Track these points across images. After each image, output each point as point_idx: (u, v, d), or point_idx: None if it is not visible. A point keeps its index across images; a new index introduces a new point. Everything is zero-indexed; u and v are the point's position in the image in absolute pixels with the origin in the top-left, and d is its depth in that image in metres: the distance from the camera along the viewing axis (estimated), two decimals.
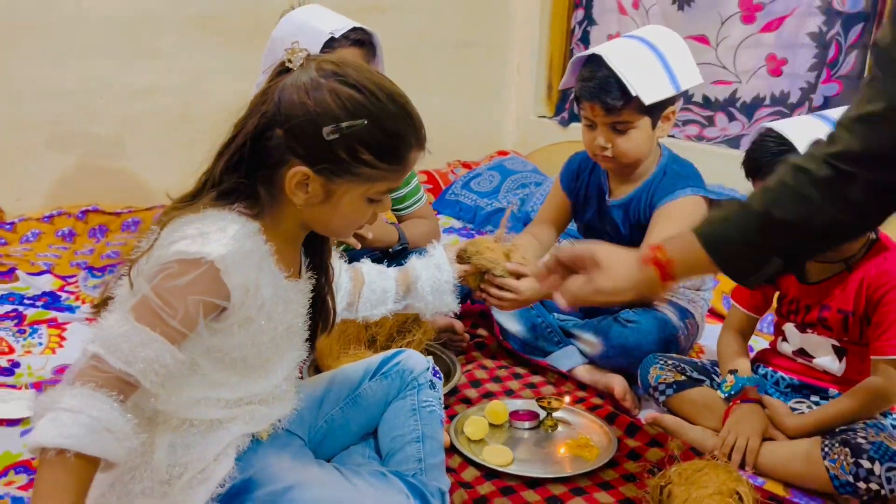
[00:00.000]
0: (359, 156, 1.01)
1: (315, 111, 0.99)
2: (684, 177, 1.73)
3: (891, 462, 1.26)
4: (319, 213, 1.06)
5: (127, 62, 2.63)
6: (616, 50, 1.66)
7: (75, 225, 2.58)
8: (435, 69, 3.27)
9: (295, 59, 1.01)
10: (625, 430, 1.49)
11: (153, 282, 0.94)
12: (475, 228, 2.90)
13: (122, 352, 0.91)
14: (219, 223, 0.99)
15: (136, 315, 0.93)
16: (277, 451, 1.13)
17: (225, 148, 1.04)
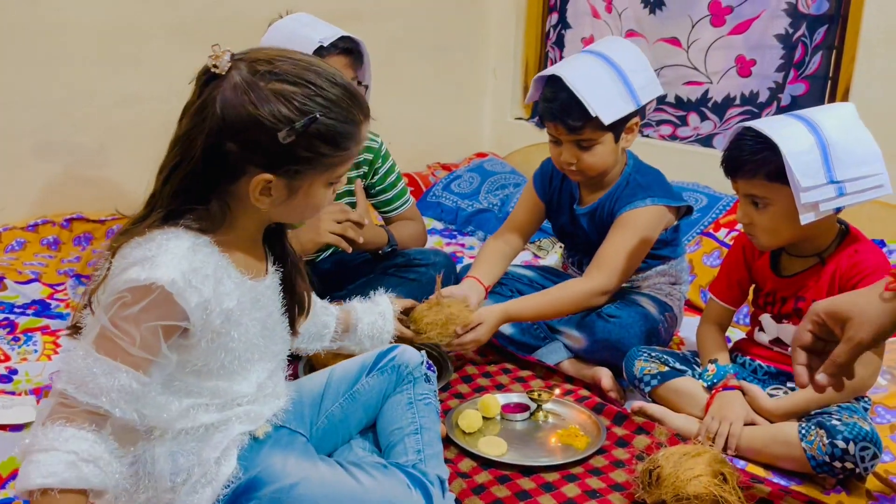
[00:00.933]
0: (317, 150, 1.03)
1: (266, 119, 0.98)
2: (645, 187, 1.78)
3: (864, 442, 1.33)
4: (284, 210, 1.09)
5: (110, 71, 2.64)
6: (575, 70, 1.70)
7: (60, 233, 2.59)
8: (413, 74, 3.32)
9: (221, 63, 1.00)
10: (612, 419, 1.55)
11: (109, 312, 0.95)
12: (457, 229, 2.96)
13: (87, 385, 0.93)
14: (166, 245, 0.99)
15: (97, 346, 0.95)
16: (282, 449, 1.16)
17: (171, 171, 1.03)
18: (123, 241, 1.03)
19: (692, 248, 2.30)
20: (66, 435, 0.91)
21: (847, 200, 1.41)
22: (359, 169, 1.98)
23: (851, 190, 1.41)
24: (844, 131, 1.41)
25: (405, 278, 1.92)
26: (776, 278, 1.57)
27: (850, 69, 2.42)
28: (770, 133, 1.39)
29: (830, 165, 1.39)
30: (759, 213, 1.47)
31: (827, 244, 1.51)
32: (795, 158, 1.37)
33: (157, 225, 1.03)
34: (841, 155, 1.39)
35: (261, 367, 1.17)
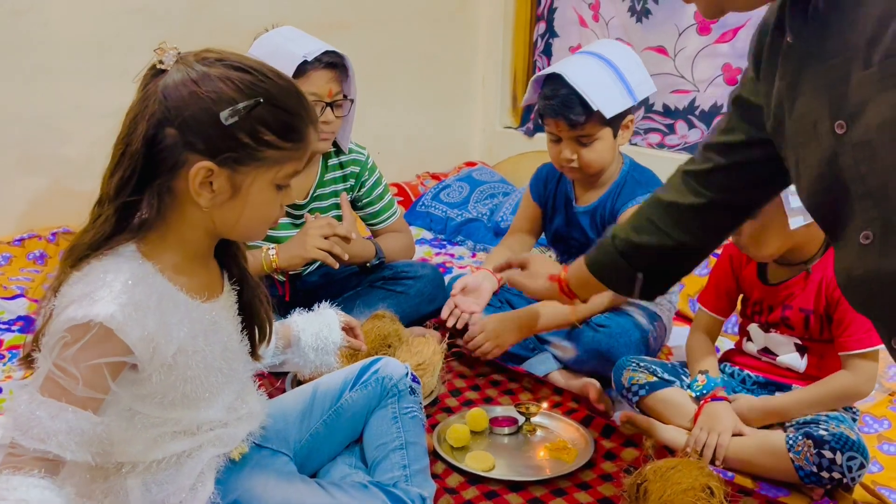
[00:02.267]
0: (261, 137, 0.98)
1: (209, 98, 0.95)
2: (644, 184, 1.83)
3: (851, 452, 1.33)
4: (229, 212, 1.01)
5: (97, 83, 2.63)
6: (574, 67, 1.74)
7: (47, 247, 2.57)
8: (401, 83, 3.33)
9: (167, 59, 0.98)
10: (601, 431, 1.55)
11: (52, 354, 0.91)
12: (446, 239, 2.95)
13: (33, 430, 0.89)
14: (104, 278, 0.95)
15: (43, 389, 0.91)
16: (262, 471, 1.16)
17: (115, 167, 0.98)
18: (64, 278, 0.97)
19: None
20: (14, 483, 0.87)
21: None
22: (346, 182, 1.97)
23: None
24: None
25: (392, 291, 1.91)
26: (763, 287, 1.57)
27: None
28: None
29: None
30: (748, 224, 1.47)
31: (813, 252, 1.52)
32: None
33: (92, 254, 0.97)
34: None
35: (227, 390, 1.12)
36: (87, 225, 1.01)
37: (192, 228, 1.03)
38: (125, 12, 2.63)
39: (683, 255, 1.31)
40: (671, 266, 1.33)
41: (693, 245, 1.29)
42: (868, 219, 0.88)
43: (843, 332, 1.45)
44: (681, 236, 1.26)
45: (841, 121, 0.88)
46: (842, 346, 1.46)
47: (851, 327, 1.44)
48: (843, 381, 1.46)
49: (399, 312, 1.83)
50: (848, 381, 1.45)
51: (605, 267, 1.37)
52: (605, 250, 1.36)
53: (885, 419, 1.63)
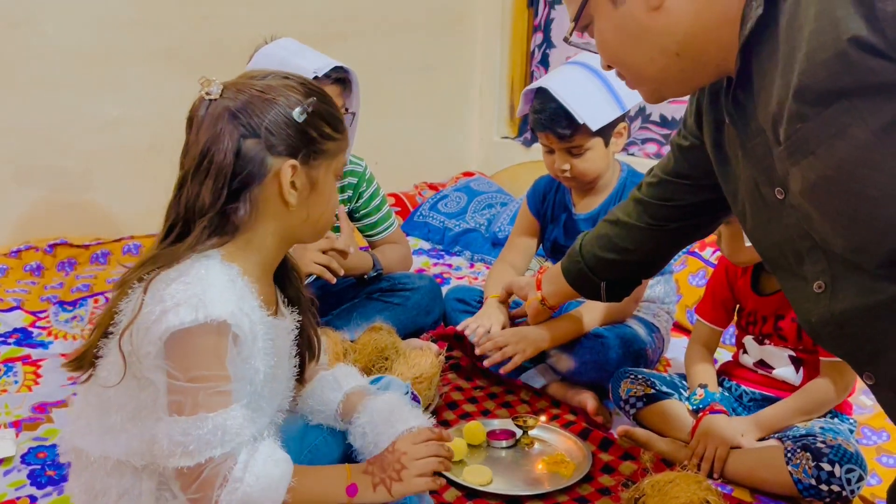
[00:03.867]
0: (323, 130, 1.07)
1: (280, 102, 1.04)
2: None
3: (849, 464, 1.33)
4: (306, 209, 1.08)
5: (93, 95, 2.64)
6: (561, 81, 1.75)
7: (43, 259, 2.56)
8: (399, 94, 3.33)
9: (213, 89, 1.04)
10: (598, 444, 1.55)
11: (180, 367, 0.95)
12: (444, 249, 2.95)
13: (218, 441, 0.96)
14: (207, 279, 0.98)
15: (204, 407, 0.95)
16: None
17: (201, 181, 1.01)
18: (156, 274, 1.00)
19: (678, 268, 2.31)
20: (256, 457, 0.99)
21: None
22: (343, 193, 1.97)
23: None
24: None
25: (390, 303, 1.91)
26: (756, 297, 1.57)
27: None
28: None
29: None
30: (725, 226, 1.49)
31: None
32: None
33: (183, 253, 1.01)
34: None
35: (268, 408, 1.12)
36: (163, 234, 1.05)
37: (270, 235, 1.08)
38: (122, 24, 2.63)
39: (642, 267, 1.49)
40: (631, 275, 1.51)
41: (651, 259, 1.46)
42: (818, 270, 0.97)
43: None
44: (638, 254, 1.43)
45: (778, 188, 0.98)
46: (823, 352, 1.46)
47: None
48: (820, 387, 1.47)
49: (396, 324, 1.83)
50: (825, 388, 1.47)
51: (575, 276, 1.54)
52: (574, 261, 1.54)
53: (884, 431, 1.63)
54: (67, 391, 1.75)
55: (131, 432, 1.03)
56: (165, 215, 1.06)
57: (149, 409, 1.01)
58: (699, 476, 1.31)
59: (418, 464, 1.12)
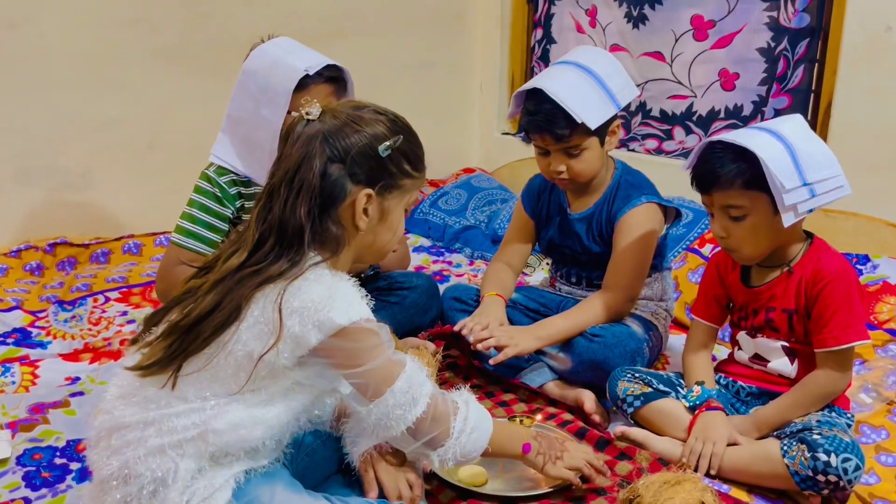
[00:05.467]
0: (403, 167, 1.16)
1: (370, 135, 1.13)
2: (637, 187, 1.83)
3: (846, 453, 1.32)
4: (376, 235, 1.19)
5: (92, 94, 2.64)
6: (555, 80, 1.73)
7: (44, 258, 2.57)
8: (399, 90, 3.30)
9: (313, 111, 1.14)
10: (595, 444, 1.54)
11: (350, 362, 1.09)
12: (444, 246, 2.94)
13: (419, 385, 1.14)
14: (339, 284, 1.11)
15: (393, 375, 1.11)
16: (270, 480, 1.16)
17: (293, 201, 1.10)
18: (284, 285, 1.09)
19: (678, 265, 2.30)
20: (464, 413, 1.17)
21: (818, 201, 1.43)
22: None
23: (820, 191, 1.43)
24: (803, 138, 1.44)
25: (387, 302, 1.91)
26: (746, 290, 1.57)
27: (832, 82, 2.42)
28: (743, 142, 1.40)
29: (801, 168, 1.41)
30: (737, 224, 1.47)
31: (794, 253, 1.52)
32: (773, 163, 1.39)
33: (309, 265, 1.10)
34: (806, 159, 1.41)
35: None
36: (253, 256, 1.13)
37: (346, 254, 1.17)
38: (121, 24, 2.63)
39: None
40: None
41: None
42: None
43: (820, 329, 1.46)
44: None
45: None
46: (819, 343, 1.46)
47: (830, 324, 1.45)
48: (820, 380, 1.47)
49: (393, 323, 1.81)
50: (825, 380, 1.46)
51: None
52: None
53: (883, 429, 1.62)
54: (64, 392, 1.75)
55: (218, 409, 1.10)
56: (254, 223, 1.13)
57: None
58: (695, 476, 1.31)
59: (575, 457, 1.33)
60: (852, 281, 1.48)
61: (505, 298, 1.86)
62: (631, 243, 1.77)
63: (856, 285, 1.48)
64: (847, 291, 1.46)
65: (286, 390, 1.14)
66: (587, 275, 1.92)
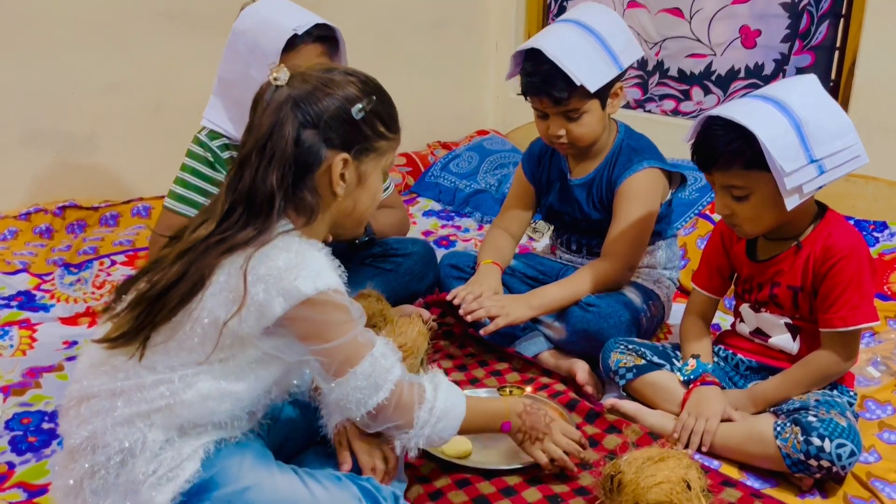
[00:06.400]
0: (377, 129, 1.13)
1: (342, 98, 1.10)
2: (639, 151, 1.76)
3: (840, 439, 1.27)
4: (355, 201, 1.16)
5: (97, 57, 2.62)
6: (554, 40, 1.65)
7: (53, 221, 2.58)
8: (411, 50, 3.25)
9: (281, 76, 1.10)
10: (584, 416, 1.50)
11: (317, 335, 1.07)
12: (454, 210, 2.90)
13: (385, 370, 1.11)
14: (309, 252, 1.07)
15: (358, 355, 1.09)
16: (240, 451, 1.14)
17: (265, 168, 1.07)
18: (250, 253, 1.05)
19: (687, 231, 2.23)
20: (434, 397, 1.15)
21: (828, 178, 1.34)
22: None
23: (831, 166, 1.33)
24: (813, 106, 1.33)
25: (381, 268, 1.88)
26: (751, 263, 1.50)
27: (857, 39, 2.30)
28: (742, 120, 1.31)
29: (808, 145, 1.32)
30: (739, 203, 1.39)
31: (804, 226, 1.44)
32: (773, 143, 1.30)
33: (272, 227, 1.08)
34: (815, 132, 1.32)
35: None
36: (223, 213, 1.10)
37: (322, 221, 1.15)
38: None
39: None
40: None
41: None
42: None
43: (827, 309, 1.39)
44: None
45: None
46: (825, 323, 1.40)
47: (837, 304, 1.38)
48: (823, 360, 1.41)
49: (388, 290, 1.79)
50: (828, 361, 1.40)
51: None
52: None
53: (889, 404, 1.55)
54: (60, 356, 1.76)
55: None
56: (224, 193, 1.10)
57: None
58: (680, 453, 1.26)
59: (559, 440, 1.30)
60: (864, 259, 1.39)
61: (501, 266, 1.82)
62: (631, 210, 1.70)
63: (867, 264, 1.40)
64: (858, 270, 1.38)
65: (255, 362, 1.12)
66: (587, 242, 1.87)
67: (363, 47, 3.13)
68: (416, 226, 2.77)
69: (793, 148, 1.31)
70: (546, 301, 1.67)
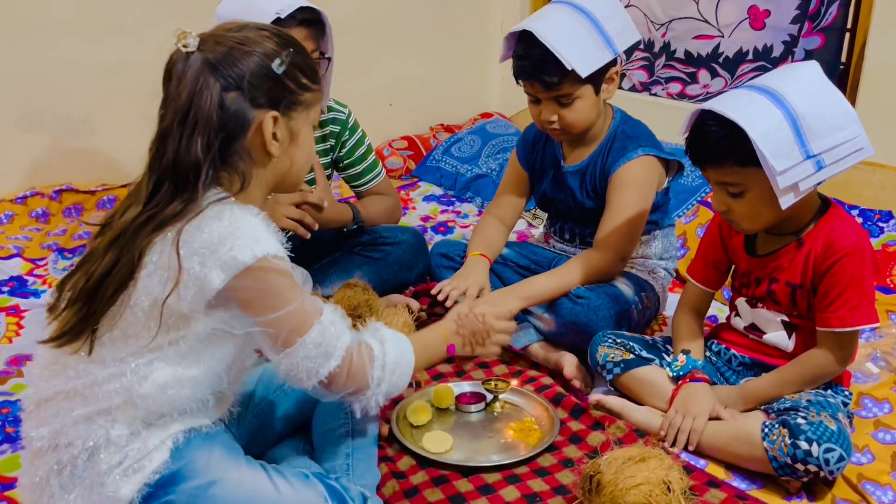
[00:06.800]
0: (300, 81, 1.09)
1: (261, 54, 1.05)
2: (634, 138, 1.70)
3: (829, 443, 1.22)
4: (289, 158, 1.11)
5: (93, 39, 2.59)
6: (546, 23, 1.60)
7: (49, 205, 2.57)
8: (413, 30, 3.19)
9: (190, 42, 1.03)
10: (570, 412, 1.47)
11: (259, 307, 1.01)
12: (455, 195, 2.86)
13: (334, 337, 1.07)
14: (243, 218, 1.02)
15: (306, 324, 1.04)
16: (208, 444, 1.12)
17: (188, 137, 1.01)
18: (182, 227, 1.00)
19: (688, 219, 2.17)
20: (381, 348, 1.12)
21: (827, 173, 1.28)
22: (325, 142, 1.89)
23: (830, 161, 1.27)
24: (812, 97, 1.26)
25: (370, 257, 1.85)
26: (750, 258, 1.45)
27: (868, 20, 2.21)
28: (734, 116, 1.25)
29: (804, 139, 1.25)
30: (735, 200, 1.34)
31: (805, 221, 1.38)
32: (766, 141, 1.24)
33: (201, 197, 1.02)
34: (813, 125, 1.25)
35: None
36: (150, 191, 1.03)
37: (258, 186, 1.10)
38: None
39: None
40: None
41: None
42: None
43: (825, 308, 1.34)
44: None
45: None
46: (823, 322, 1.34)
47: (836, 303, 1.32)
48: (817, 360, 1.36)
49: (377, 279, 1.76)
50: (823, 361, 1.35)
51: None
52: None
53: (887, 402, 1.51)
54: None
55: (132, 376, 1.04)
56: (148, 172, 1.04)
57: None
58: (662, 454, 1.23)
59: (498, 338, 1.34)
60: (866, 258, 1.33)
61: (490, 258, 1.78)
62: (624, 200, 1.66)
63: (870, 263, 1.33)
64: (859, 269, 1.32)
65: (207, 340, 1.06)
66: (580, 231, 1.82)
67: (364, 27, 3.10)
68: (415, 211, 2.73)
69: (787, 144, 1.24)
70: (534, 292, 1.63)
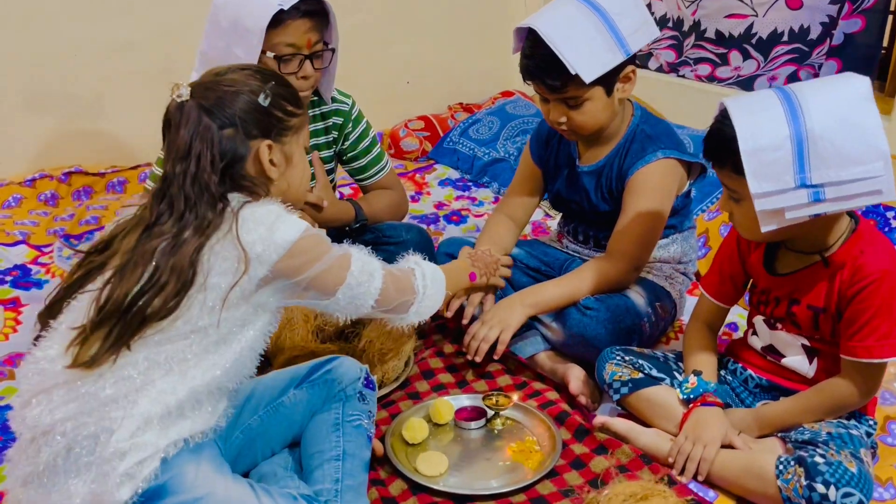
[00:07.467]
0: (286, 109, 1.20)
1: (248, 92, 1.16)
2: (654, 139, 1.59)
3: (847, 487, 1.14)
4: (287, 180, 1.22)
5: (100, 20, 2.54)
6: (553, 21, 1.48)
7: (58, 188, 2.54)
8: (432, 7, 3.08)
9: (183, 91, 1.13)
10: (573, 432, 1.40)
11: (301, 270, 1.13)
12: (472, 179, 2.77)
13: (366, 258, 1.23)
14: (269, 207, 1.14)
15: (349, 257, 1.19)
16: (195, 457, 1.09)
17: (194, 172, 1.09)
18: (205, 242, 1.08)
19: (710, 215, 2.06)
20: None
21: (826, 208, 1.15)
22: (328, 134, 1.81)
23: (833, 195, 1.14)
24: (837, 120, 1.13)
25: None
26: (768, 276, 1.35)
27: None
28: (736, 120, 1.15)
29: (805, 165, 1.13)
30: (735, 206, 1.26)
31: (831, 240, 1.27)
32: (754, 157, 1.13)
33: (224, 209, 1.11)
34: (824, 152, 1.12)
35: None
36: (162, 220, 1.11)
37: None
38: None
39: None
40: None
41: None
42: None
43: (851, 336, 1.23)
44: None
45: None
46: (848, 351, 1.24)
47: (863, 332, 1.22)
48: (840, 390, 1.26)
49: None
50: (846, 391, 1.26)
51: None
52: None
53: None
54: None
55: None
56: (151, 202, 1.11)
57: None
58: (666, 490, 1.16)
59: (504, 270, 1.65)
60: None
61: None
62: (640, 205, 1.55)
63: None
64: (890, 296, 1.21)
65: (240, 323, 1.11)
66: (595, 234, 1.73)
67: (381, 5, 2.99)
68: (429, 196, 2.66)
69: (780, 166, 1.13)
70: (542, 300, 1.55)
